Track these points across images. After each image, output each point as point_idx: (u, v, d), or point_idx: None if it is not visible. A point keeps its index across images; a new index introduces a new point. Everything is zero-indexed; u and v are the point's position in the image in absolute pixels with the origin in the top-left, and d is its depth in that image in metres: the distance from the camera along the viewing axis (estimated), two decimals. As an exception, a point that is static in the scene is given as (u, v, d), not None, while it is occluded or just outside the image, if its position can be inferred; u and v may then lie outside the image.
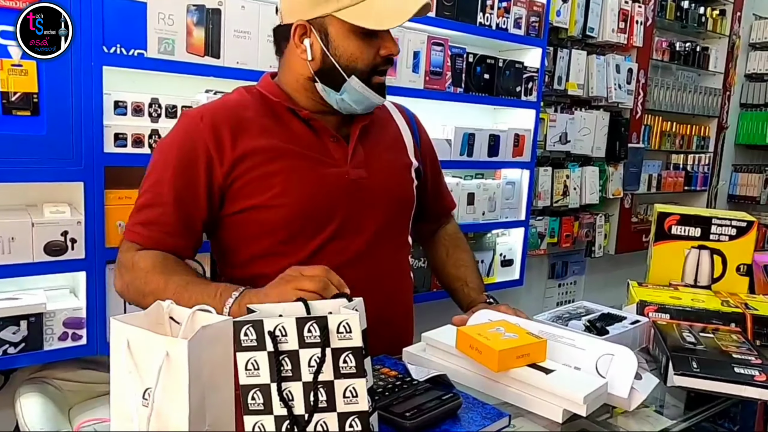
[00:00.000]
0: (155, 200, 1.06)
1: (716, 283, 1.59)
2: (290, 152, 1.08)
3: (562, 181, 2.90)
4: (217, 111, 1.09)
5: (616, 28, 2.93)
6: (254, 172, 1.06)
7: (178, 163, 1.06)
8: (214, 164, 1.06)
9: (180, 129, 1.09)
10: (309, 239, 1.09)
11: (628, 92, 3.07)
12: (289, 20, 1.08)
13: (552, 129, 2.76)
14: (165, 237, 1.06)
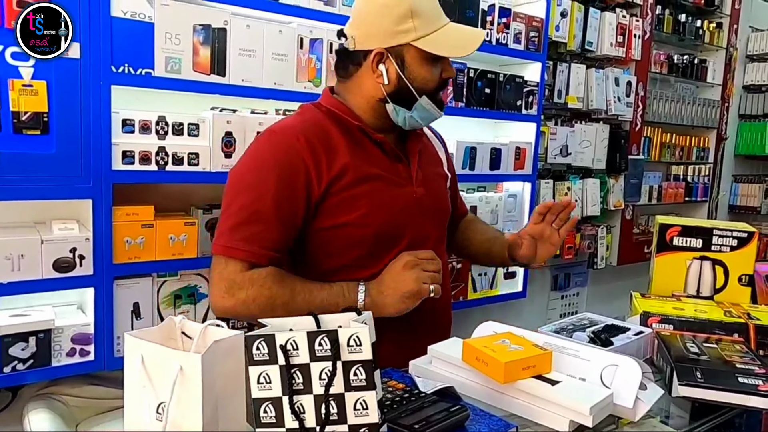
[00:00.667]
0: (256, 217, 1.10)
1: (718, 294, 1.60)
2: (373, 175, 1.18)
3: (564, 193, 2.92)
4: (308, 130, 1.15)
5: (614, 41, 2.97)
6: (345, 192, 1.14)
7: (278, 181, 1.10)
8: (313, 182, 1.12)
9: (276, 148, 1.13)
10: (385, 254, 1.18)
11: (627, 105, 3.10)
12: (365, 47, 1.16)
13: (553, 142, 2.79)
14: (269, 252, 1.10)
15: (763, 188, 4.03)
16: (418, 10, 1.14)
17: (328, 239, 1.17)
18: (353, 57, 1.19)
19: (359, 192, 1.15)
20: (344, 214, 1.15)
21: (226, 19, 1.67)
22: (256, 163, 1.14)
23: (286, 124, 1.18)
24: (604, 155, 3.07)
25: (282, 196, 1.10)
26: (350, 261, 1.17)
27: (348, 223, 1.15)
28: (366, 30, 1.16)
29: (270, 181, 1.10)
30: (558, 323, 1.33)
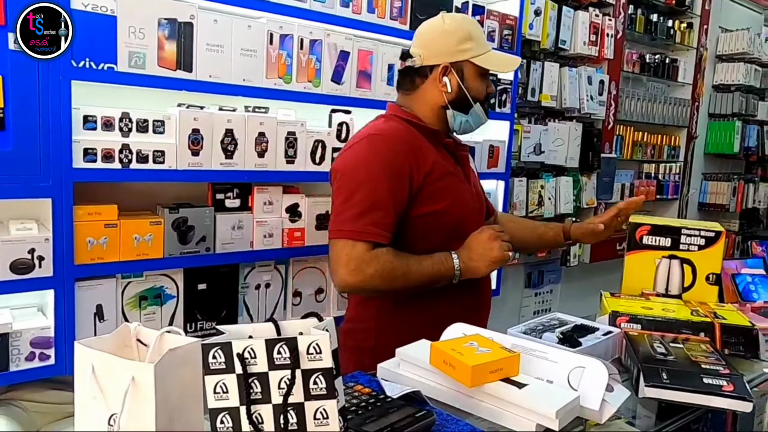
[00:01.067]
0: (377, 206, 1.30)
1: (687, 292, 1.62)
2: (449, 171, 1.43)
3: (537, 191, 2.93)
4: (405, 137, 1.38)
5: (587, 40, 2.99)
6: (435, 185, 1.37)
7: (390, 176, 1.32)
8: (413, 177, 1.35)
9: (383, 148, 1.35)
10: (455, 240, 1.39)
11: (599, 103, 3.13)
12: (432, 62, 1.41)
13: (526, 140, 2.79)
14: (389, 234, 1.32)
15: (732, 186, 4.11)
16: (472, 35, 1.43)
17: (421, 225, 1.38)
18: (420, 72, 1.43)
19: (444, 185, 1.38)
20: (435, 203, 1.37)
21: (193, 13, 1.63)
22: (369, 162, 1.33)
23: (385, 130, 1.39)
24: (577, 153, 3.09)
25: (394, 188, 1.32)
26: (435, 245, 1.38)
27: (438, 211, 1.37)
28: (432, 50, 1.41)
29: (383, 176, 1.31)
30: (528, 323, 1.33)
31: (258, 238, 1.85)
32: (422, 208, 1.37)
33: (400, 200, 1.33)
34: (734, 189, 4.15)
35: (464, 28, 1.43)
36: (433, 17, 1.47)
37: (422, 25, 1.48)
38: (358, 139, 1.39)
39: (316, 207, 1.97)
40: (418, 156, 1.36)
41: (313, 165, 1.93)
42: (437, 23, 1.44)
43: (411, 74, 1.45)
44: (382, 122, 1.44)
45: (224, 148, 1.72)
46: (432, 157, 1.39)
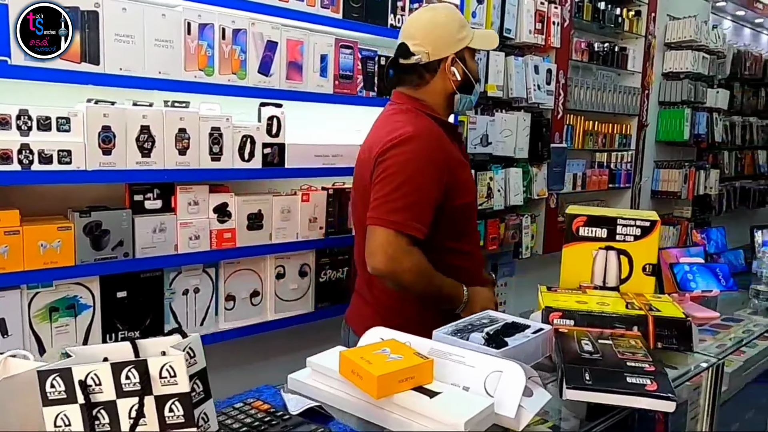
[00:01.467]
0: (420, 203, 1.40)
1: (624, 284, 1.59)
2: (461, 161, 1.55)
3: (486, 183, 2.89)
4: (437, 134, 1.49)
5: (533, 29, 2.95)
6: (459, 178, 1.49)
7: (434, 176, 1.42)
8: (447, 174, 1.45)
9: (426, 148, 1.43)
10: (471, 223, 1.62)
11: (547, 93, 3.10)
12: (440, 56, 1.51)
13: (473, 131, 2.74)
14: (426, 231, 1.40)
15: (683, 173, 4.15)
16: (462, 20, 1.56)
17: (458, 214, 1.49)
18: (429, 67, 1.52)
19: (464, 177, 1.53)
20: (465, 195, 1.52)
21: (97, 0, 1.51)
22: (418, 161, 1.40)
23: (424, 129, 1.47)
24: (526, 144, 3.05)
25: (435, 187, 1.42)
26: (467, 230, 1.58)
27: (468, 202, 1.54)
28: (437, 45, 1.50)
29: (428, 175, 1.41)
30: (457, 324, 1.26)
31: (183, 241, 1.75)
32: (457, 200, 1.48)
33: (438, 198, 1.43)
34: (685, 176, 4.19)
35: (457, 17, 1.56)
36: (421, 10, 1.59)
37: (415, 21, 1.56)
38: (405, 135, 1.43)
39: (247, 206, 1.87)
40: (447, 153, 1.47)
41: (242, 162, 1.83)
42: (433, 17, 1.54)
43: (418, 70, 1.53)
44: (412, 117, 1.50)
45: (140, 146, 1.62)
46: (453, 152, 1.51)
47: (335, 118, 2.20)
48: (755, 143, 5.39)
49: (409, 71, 1.53)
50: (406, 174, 1.40)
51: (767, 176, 5.67)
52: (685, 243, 4.32)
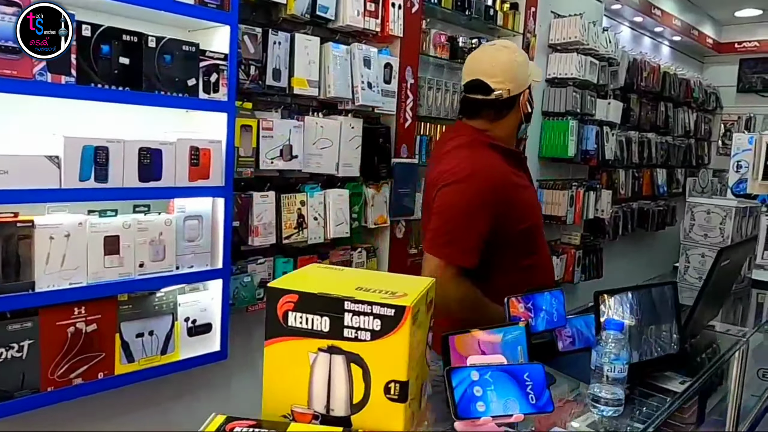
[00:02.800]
0: (469, 235, 1.48)
1: (358, 413, 0.92)
2: (522, 185, 1.62)
3: (295, 209, 2.19)
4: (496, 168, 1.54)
5: (362, 10, 2.29)
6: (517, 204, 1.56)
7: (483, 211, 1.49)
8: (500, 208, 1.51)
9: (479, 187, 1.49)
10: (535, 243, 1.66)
11: (385, 94, 2.44)
12: (518, 92, 1.59)
13: (267, 140, 2.04)
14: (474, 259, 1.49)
15: (569, 195, 3.62)
16: (528, 59, 1.68)
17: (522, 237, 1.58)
18: (508, 103, 1.59)
19: (524, 200, 1.60)
20: (526, 218, 1.59)
21: None
22: (470, 197, 1.49)
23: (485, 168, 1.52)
24: (356, 159, 2.39)
25: (484, 221, 1.49)
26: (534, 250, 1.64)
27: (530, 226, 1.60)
28: (517, 83, 1.58)
29: (476, 212, 1.49)
30: None
31: None
32: (520, 225, 1.56)
33: (485, 231, 1.49)
34: (572, 198, 3.67)
35: (525, 55, 1.66)
36: (493, 48, 1.63)
37: (492, 59, 1.59)
38: (463, 174, 1.50)
39: None
40: (504, 186, 1.52)
41: None
42: (512, 56, 1.59)
43: (497, 106, 1.58)
44: (475, 153, 1.55)
45: None
46: (513, 179, 1.57)
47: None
48: (654, 161, 5.00)
49: (486, 107, 1.59)
50: (458, 210, 1.50)
51: (666, 197, 5.32)
52: (572, 275, 3.80)
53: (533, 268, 1.64)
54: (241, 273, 2.06)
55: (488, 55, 1.62)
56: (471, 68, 1.62)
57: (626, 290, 1.38)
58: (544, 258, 1.73)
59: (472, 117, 1.62)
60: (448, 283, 1.45)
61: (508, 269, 1.58)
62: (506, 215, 1.52)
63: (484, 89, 1.57)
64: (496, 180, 1.52)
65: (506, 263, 1.57)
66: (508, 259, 1.58)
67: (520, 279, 1.55)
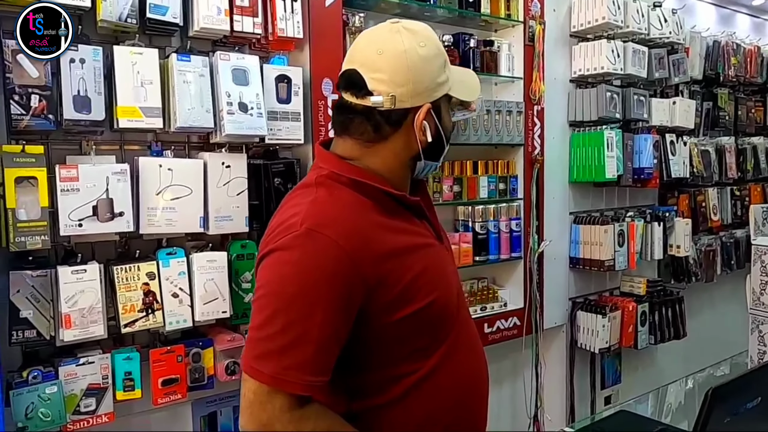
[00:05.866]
0: (307, 339, 0.99)
1: None
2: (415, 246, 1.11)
3: (139, 285, 1.65)
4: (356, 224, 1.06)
5: (225, 8, 1.73)
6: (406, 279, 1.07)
7: (330, 297, 1.00)
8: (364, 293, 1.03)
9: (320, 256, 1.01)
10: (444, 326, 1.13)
11: (280, 117, 1.84)
12: (414, 104, 1.10)
13: (70, 195, 1.52)
14: (318, 380, 1.01)
15: (614, 230, 2.74)
16: (445, 54, 1.15)
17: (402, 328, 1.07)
18: (391, 117, 1.10)
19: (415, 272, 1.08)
20: (410, 303, 1.07)
21: None
22: (301, 272, 1.01)
23: (329, 219, 1.04)
24: (238, 208, 1.80)
25: (334, 312, 1.01)
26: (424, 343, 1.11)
27: (417, 311, 1.07)
28: (413, 86, 1.09)
29: (320, 296, 1.00)
30: None
31: None
32: (399, 313, 1.06)
33: (342, 332, 1.03)
34: (622, 234, 2.78)
35: (441, 49, 1.14)
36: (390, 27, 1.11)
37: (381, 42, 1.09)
38: (294, 232, 1.02)
39: None
40: (373, 259, 1.03)
41: None
42: (414, 46, 1.08)
43: (374, 119, 1.10)
44: (324, 195, 1.08)
45: None
46: (393, 242, 1.08)
47: None
48: (762, 173, 3.88)
49: (359, 117, 1.10)
50: (287, 296, 1.00)
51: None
52: (633, 340, 2.85)
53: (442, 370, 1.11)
54: (41, 382, 1.53)
55: (377, 37, 1.12)
56: (350, 53, 1.15)
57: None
58: (465, 351, 1.17)
59: (342, 133, 1.15)
60: (276, 424, 0.98)
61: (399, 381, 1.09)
62: (381, 294, 1.04)
63: (359, 87, 1.09)
64: (354, 239, 1.03)
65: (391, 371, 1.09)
66: (392, 365, 1.09)
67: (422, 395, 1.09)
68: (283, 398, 0.98)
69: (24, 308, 1.49)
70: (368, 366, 1.10)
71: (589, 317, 2.77)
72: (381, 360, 1.10)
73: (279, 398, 0.98)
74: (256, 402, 0.99)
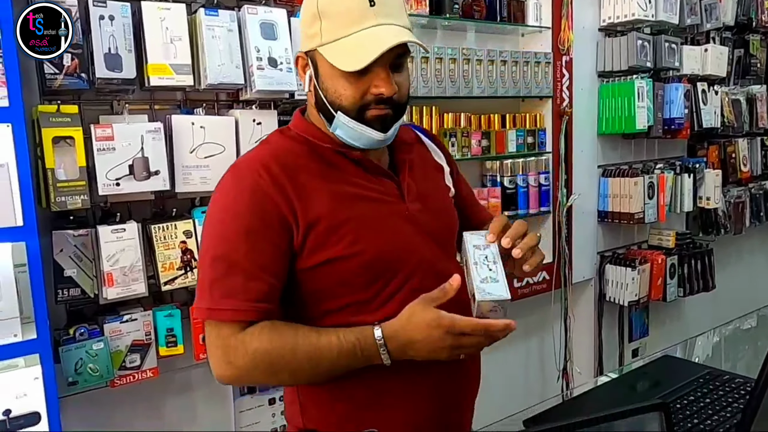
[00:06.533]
0: (233, 269, 1.02)
1: None
2: (352, 196, 1.09)
3: (177, 243, 1.67)
4: (272, 162, 1.07)
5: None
6: (324, 224, 1.05)
7: (249, 224, 1.03)
8: (287, 219, 1.05)
9: (240, 186, 1.06)
10: (384, 286, 1.08)
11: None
12: (305, 47, 1.10)
13: (106, 155, 1.53)
14: (258, 305, 1.02)
15: (644, 182, 2.72)
16: (327, 10, 1.04)
17: (315, 280, 1.07)
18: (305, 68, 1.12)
19: (341, 219, 1.06)
20: (327, 248, 1.05)
21: None
22: (224, 205, 1.07)
23: (249, 157, 1.12)
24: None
25: (256, 240, 1.03)
26: (345, 303, 1.08)
27: (334, 258, 1.05)
28: (304, 31, 1.09)
29: (240, 225, 1.04)
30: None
31: None
32: (310, 258, 1.05)
33: (268, 257, 1.03)
34: (651, 186, 2.75)
35: (314, 1, 1.06)
36: None
37: None
38: (225, 174, 1.09)
39: None
40: (296, 190, 1.04)
41: None
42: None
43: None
44: (261, 144, 1.15)
45: None
46: (319, 186, 1.06)
47: None
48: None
49: None
50: (212, 231, 1.06)
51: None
52: (661, 293, 2.85)
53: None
54: (88, 339, 1.56)
55: None
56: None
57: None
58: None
59: None
60: (231, 354, 1.01)
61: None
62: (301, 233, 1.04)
63: None
64: (264, 175, 1.04)
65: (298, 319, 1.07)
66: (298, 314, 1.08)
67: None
68: (227, 328, 1.01)
69: (68, 267, 1.52)
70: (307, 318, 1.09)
71: (618, 270, 2.77)
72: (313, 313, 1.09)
73: (224, 329, 1.02)
74: (210, 341, 1.05)
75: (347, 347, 0.99)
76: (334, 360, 1.00)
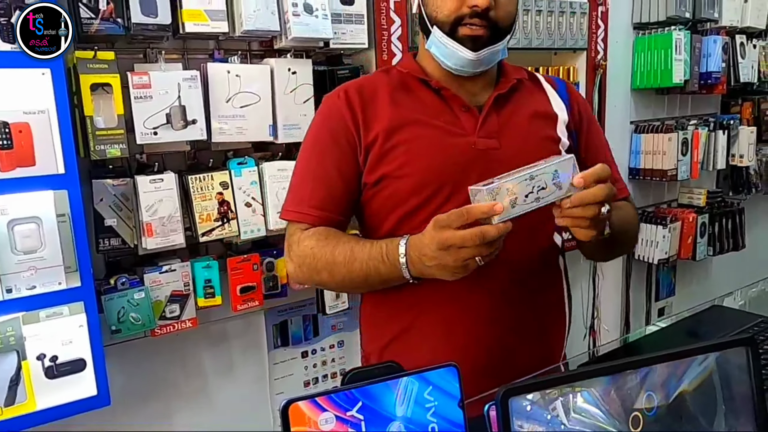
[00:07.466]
0: (305, 181, 1.15)
1: None
2: (415, 121, 1.13)
3: (214, 195, 1.67)
4: (350, 88, 1.17)
5: None
6: (378, 145, 1.11)
7: (324, 140, 1.15)
8: (354, 139, 1.13)
9: (323, 107, 1.19)
10: (434, 212, 1.02)
11: (344, 20, 1.79)
12: None
13: (143, 103, 1.52)
14: (317, 214, 1.13)
15: (678, 138, 2.67)
16: None
17: (373, 197, 1.15)
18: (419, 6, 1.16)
19: (395, 141, 1.11)
20: (382, 167, 1.12)
21: None
22: (312, 124, 1.19)
23: (343, 86, 1.18)
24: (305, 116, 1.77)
25: (325, 154, 1.14)
26: (397, 222, 1.13)
27: (386, 176, 1.11)
28: None
29: (315, 141, 1.17)
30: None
31: None
32: (370, 176, 1.13)
33: (335, 172, 1.13)
34: (685, 142, 2.71)
35: None
36: None
37: None
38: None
39: None
40: (365, 111, 1.13)
41: None
42: None
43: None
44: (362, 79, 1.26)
45: None
46: (382, 112, 1.12)
47: None
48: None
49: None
50: (302, 146, 1.20)
51: None
52: (691, 252, 2.84)
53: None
54: (129, 288, 1.58)
55: None
56: None
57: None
58: None
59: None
60: (290, 250, 1.16)
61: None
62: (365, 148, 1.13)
63: None
64: (342, 95, 1.15)
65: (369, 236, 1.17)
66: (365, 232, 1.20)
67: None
68: (292, 227, 1.16)
69: (108, 216, 1.52)
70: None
71: (648, 228, 2.75)
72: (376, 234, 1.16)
73: (291, 228, 1.17)
74: (287, 237, 1.19)
75: (376, 251, 1.05)
76: (364, 261, 1.05)
